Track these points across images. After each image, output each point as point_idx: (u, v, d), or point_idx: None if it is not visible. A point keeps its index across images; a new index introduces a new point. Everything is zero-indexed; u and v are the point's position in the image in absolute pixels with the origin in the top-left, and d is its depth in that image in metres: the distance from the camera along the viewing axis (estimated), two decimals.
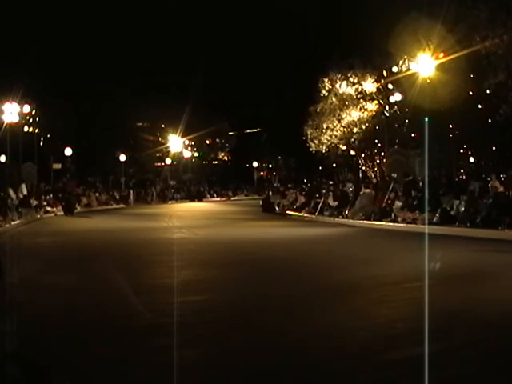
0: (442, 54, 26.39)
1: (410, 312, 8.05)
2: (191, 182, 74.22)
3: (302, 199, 36.88)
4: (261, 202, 41.44)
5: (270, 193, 50.83)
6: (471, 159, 32.89)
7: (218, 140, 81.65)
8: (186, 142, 74.12)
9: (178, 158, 74.06)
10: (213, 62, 63.82)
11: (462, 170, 32.06)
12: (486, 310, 8.44)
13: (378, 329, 7.62)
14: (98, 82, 54.20)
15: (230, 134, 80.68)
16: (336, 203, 31.22)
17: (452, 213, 22.63)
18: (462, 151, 31.63)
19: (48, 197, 38.46)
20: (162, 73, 59.98)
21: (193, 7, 60.84)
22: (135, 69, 57.99)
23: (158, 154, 71.68)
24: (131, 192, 55.24)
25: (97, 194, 48.20)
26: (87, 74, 53.65)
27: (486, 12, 23.16)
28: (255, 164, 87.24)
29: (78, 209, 39.36)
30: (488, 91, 25.70)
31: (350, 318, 8.27)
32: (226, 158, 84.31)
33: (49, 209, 35.96)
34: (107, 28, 55.06)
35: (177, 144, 71.02)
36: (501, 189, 22.24)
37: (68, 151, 52.44)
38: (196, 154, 79.90)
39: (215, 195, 70.54)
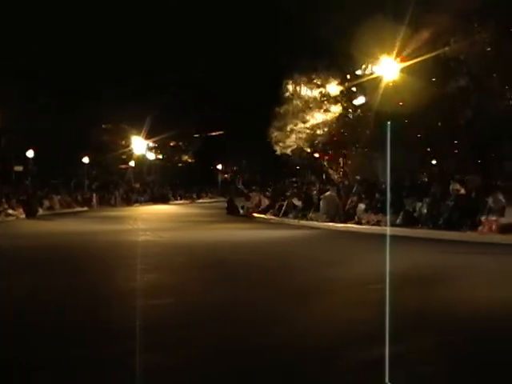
0: (405, 58, 26.60)
1: (373, 313, 8.11)
2: (155, 185, 73.92)
3: (266, 201, 36.95)
4: (225, 205, 41.49)
5: (234, 195, 50.81)
6: (434, 162, 33.19)
7: (181, 143, 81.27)
8: (150, 145, 73.71)
9: (141, 160, 73.67)
10: (176, 63, 63.47)
11: (424, 173, 32.32)
12: (449, 311, 8.55)
13: (342, 331, 7.67)
14: (62, 83, 53.75)
15: (195, 136, 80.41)
16: (300, 205, 31.36)
17: (415, 215, 22.89)
18: (424, 154, 31.88)
19: (9, 200, 37.91)
20: (126, 75, 59.59)
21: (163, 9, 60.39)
22: (101, 71, 57.55)
23: (123, 156, 71.14)
24: (94, 195, 54.77)
25: (59, 197, 47.67)
26: (50, 74, 53.13)
27: (448, 18, 23.43)
28: (219, 166, 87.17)
29: (41, 212, 38.94)
30: (450, 95, 25.97)
31: (314, 321, 8.31)
32: (190, 161, 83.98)
33: (10, 212, 35.45)
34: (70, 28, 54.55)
35: (141, 146, 70.62)
36: (462, 191, 22.52)
37: (30, 153, 51.74)
38: (160, 157, 79.51)
39: (179, 198, 70.33)
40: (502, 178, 25.85)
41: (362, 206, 26.20)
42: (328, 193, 29.48)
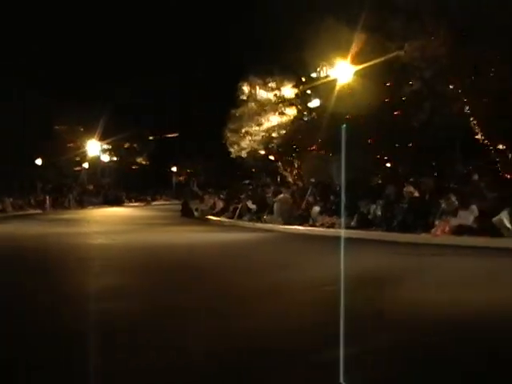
0: (359, 61, 26.75)
1: (328, 315, 8.09)
2: (109, 187, 73.33)
3: (220, 204, 36.92)
4: (180, 207, 41.36)
5: (189, 198, 50.65)
6: (388, 164, 33.43)
7: (136, 145, 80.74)
8: (105, 147, 73.12)
9: (95, 162, 73.01)
10: (133, 66, 63.19)
11: (378, 175, 32.53)
12: (403, 313, 8.59)
13: (297, 333, 7.65)
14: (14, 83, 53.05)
15: (150, 138, 79.97)
16: (255, 208, 31.37)
17: (369, 217, 23.03)
18: (379, 156, 32.09)
19: None
20: (84, 76, 59.20)
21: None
22: (51, 71, 56.97)
23: (77, 158, 70.37)
24: (47, 197, 54.09)
25: (11, 199, 47.00)
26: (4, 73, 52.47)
27: (401, 22, 23.61)
28: (174, 169, 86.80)
29: None
30: (404, 99, 26.18)
31: (268, 323, 8.26)
32: (144, 163, 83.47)
33: None
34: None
35: (95, 148, 69.98)
36: (416, 193, 22.73)
37: None
38: (114, 159, 78.91)
39: (134, 200, 69.91)
40: (455, 180, 26.11)
41: (316, 208, 26.27)
42: (282, 195, 29.58)
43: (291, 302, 9.84)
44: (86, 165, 71.12)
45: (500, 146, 24.57)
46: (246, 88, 37.28)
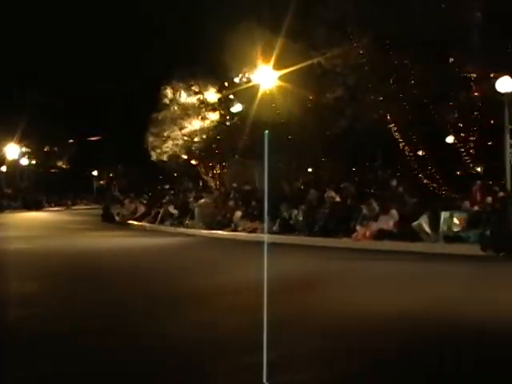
0: (282, 67, 26.83)
1: (250, 320, 8.03)
2: (28, 191, 71.85)
3: (142, 209, 36.55)
4: (101, 212, 40.84)
5: (110, 202, 50.02)
6: (310, 170, 33.69)
7: (56, 148, 79.38)
8: (24, 150, 71.60)
9: (14, 165, 71.45)
10: (52, 66, 62.15)
11: (301, 180, 32.73)
12: (328, 317, 8.59)
13: (221, 338, 7.57)
14: None
15: (70, 141, 78.73)
16: (177, 213, 31.18)
17: (291, 222, 23.13)
18: (301, 162, 32.31)
19: None
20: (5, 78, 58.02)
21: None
22: None
23: None
24: None
25: None
26: None
27: (324, 30, 23.81)
28: (95, 173, 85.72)
29: None
30: (326, 105, 26.38)
31: (193, 329, 8.15)
32: (65, 167, 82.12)
33: None
34: None
35: (13, 151, 68.43)
36: (337, 199, 22.93)
37: None
38: (34, 162, 77.36)
39: (54, 204, 68.72)
40: (376, 185, 26.48)
41: (238, 213, 26.25)
42: (204, 200, 29.52)
43: (213, 307, 9.75)
44: (3, 168, 69.48)
45: (420, 153, 25.01)
46: (169, 92, 37.08)
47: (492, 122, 22.25)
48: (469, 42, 22.19)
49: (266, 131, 6.21)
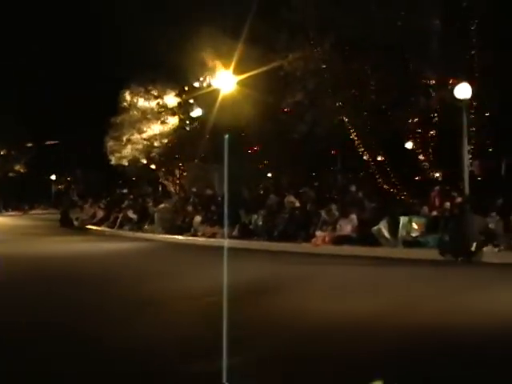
0: (242, 72, 26.80)
1: (208, 325, 7.95)
2: None
3: (101, 213, 36.25)
4: (59, 216, 40.42)
5: (69, 207, 49.52)
6: (270, 175, 33.70)
7: (13, 152, 78.40)
8: None
9: None
10: (11, 68, 61.42)
11: (261, 185, 32.72)
12: (288, 321, 8.55)
13: (178, 343, 7.49)
14: None
15: (28, 145, 77.80)
16: (136, 217, 30.99)
17: (251, 227, 23.09)
18: (261, 166, 32.29)
19: None
20: None
21: None
22: None
23: None
24: None
25: None
26: None
27: (285, 34, 23.83)
28: (53, 177, 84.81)
29: None
30: (286, 109, 26.40)
31: (149, 334, 8.06)
32: (22, 171, 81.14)
33: None
34: None
35: None
36: (297, 203, 22.94)
37: None
38: None
39: (11, 209, 67.92)
40: (336, 190, 26.56)
41: (198, 218, 26.16)
42: (163, 205, 29.40)
43: (172, 312, 9.66)
44: None
45: (379, 158, 25.14)
46: (127, 96, 36.78)
47: (450, 128, 22.44)
48: (428, 49, 22.42)
49: (227, 136, 6.15)
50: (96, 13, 41.67)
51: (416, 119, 23.98)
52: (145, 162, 38.56)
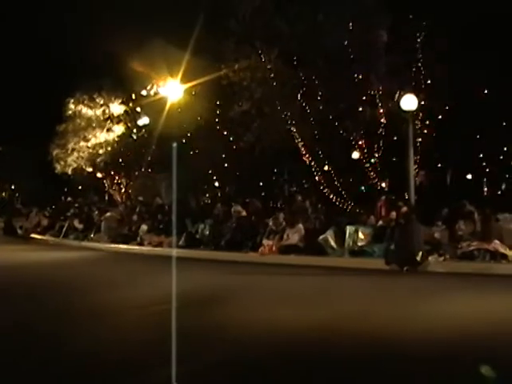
0: (189, 81, 26.74)
1: (157, 335, 7.88)
2: None
3: (45, 222, 35.79)
4: (2, 225, 39.80)
5: (12, 215, 48.74)
6: (217, 184, 33.64)
7: None
8: None
9: None
10: None
11: (207, 195, 32.66)
12: (235, 330, 8.51)
13: (127, 353, 7.38)
14: None
15: None
16: (81, 227, 30.66)
17: (197, 236, 23.03)
18: (208, 176, 32.21)
19: None
20: None
21: None
22: None
23: None
24: None
25: None
26: None
27: (232, 44, 23.87)
28: None
29: None
30: (233, 119, 26.40)
31: (97, 344, 7.92)
32: None
33: None
34: None
35: None
36: (244, 213, 22.93)
37: None
38: None
39: None
40: (283, 200, 26.65)
41: (144, 226, 26.00)
42: (108, 214, 29.15)
43: (119, 321, 9.52)
44: None
45: (326, 168, 25.29)
46: (72, 104, 36.35)
47: (396, 138, 22.72)
48: (375, 60, 22.68)
49: (174, 144, 6.11)
50: (42, 20, 41.27)
51: (363, 130, 24.21)
52: (90, 170, 38.14)
